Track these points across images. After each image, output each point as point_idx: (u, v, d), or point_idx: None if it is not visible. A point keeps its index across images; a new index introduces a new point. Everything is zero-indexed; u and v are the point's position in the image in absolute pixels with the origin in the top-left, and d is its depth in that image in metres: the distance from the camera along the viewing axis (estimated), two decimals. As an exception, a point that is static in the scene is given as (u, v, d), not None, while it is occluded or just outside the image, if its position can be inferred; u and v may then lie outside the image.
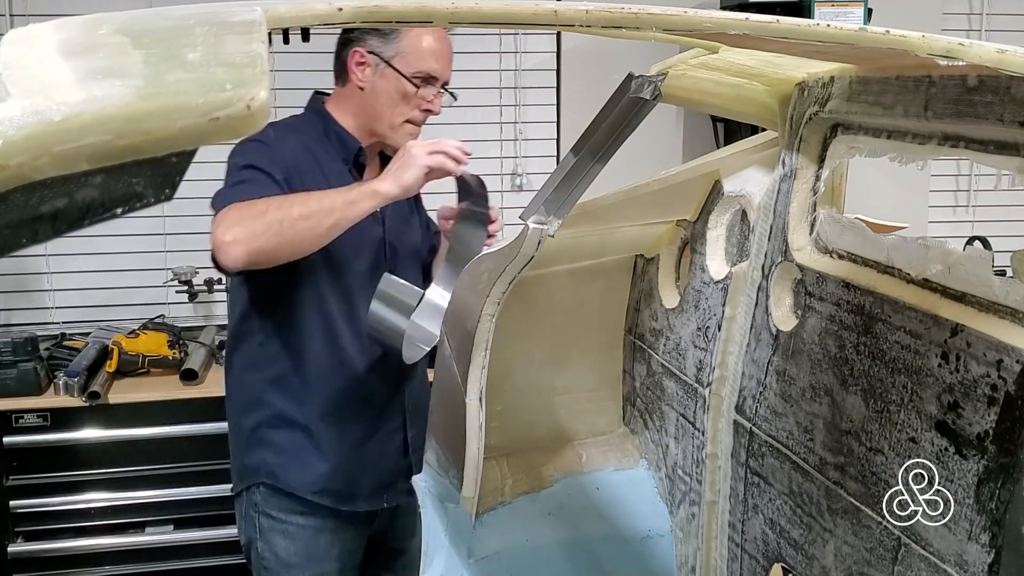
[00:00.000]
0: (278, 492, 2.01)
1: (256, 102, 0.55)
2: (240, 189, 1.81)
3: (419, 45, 1.95)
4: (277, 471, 2.00)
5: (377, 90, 1.98)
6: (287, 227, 1.71)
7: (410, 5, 0.85)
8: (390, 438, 2.08)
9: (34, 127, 0.51)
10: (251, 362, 2.00)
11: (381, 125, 1.99)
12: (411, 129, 1.99)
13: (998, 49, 0.92)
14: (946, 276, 1.08)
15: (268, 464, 2.01)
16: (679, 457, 1.76)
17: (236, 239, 1.70)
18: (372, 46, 1.97)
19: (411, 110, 1.98)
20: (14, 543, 2.84)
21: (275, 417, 2.00)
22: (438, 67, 1.98)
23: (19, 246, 0.54)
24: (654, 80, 1.47)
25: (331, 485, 2.01)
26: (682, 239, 1.78)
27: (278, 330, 1.96)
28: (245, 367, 2.02)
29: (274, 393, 1.99)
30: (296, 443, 1.99)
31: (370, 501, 2.08)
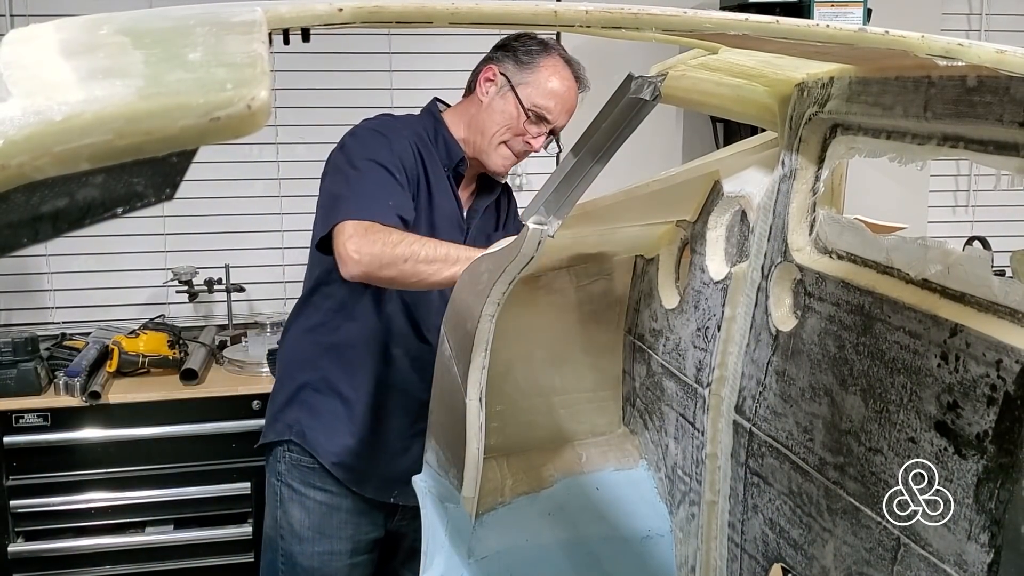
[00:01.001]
0: (302, 459, 2.10)
1: (257, 102, 0.55)
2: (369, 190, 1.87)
3: (546, 84, 2.06)
4: (307, 432, 2.09)
5: (493, 107, 2.08)
6: (409, 266, 1.79)
7: (410, 5, 0.85)
8: (417, 439, 2.08)
9: (35, 127, 0.51)
10: (315, 324, 2.09)
11: (483, 139, 2.07)
12: (506, 153, 2.08)
13: (997, 49, 0.92)
14: (946, 276, 1.08)
15: (301, 424, 2.10)
16: (679, 457, 1.76)
17: (361, 260, 1.79)
18: (506, 68, 2.09)
19: (514, 138, 2.07)
20: (14, 543, 2.84)
21: (321, 381, 2.09)
22: (555, 111, 2.07)
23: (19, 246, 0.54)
24: (654, 81, 1.47)
25: (348, 460, 2.08)
26: (682, 239, 1.78)
27: (345, 305, 2.05)
28: (308, 328, 2.11)
29: (327, 359, 2.09)
30: (332, 410, 2.09)
31: (380, 491, 2.13)
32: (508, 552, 1.83)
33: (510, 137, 2.08)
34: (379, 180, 1.90)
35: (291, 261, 3.43)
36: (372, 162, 1.92)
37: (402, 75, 3.39)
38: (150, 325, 3.12)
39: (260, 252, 3.41)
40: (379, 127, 2.00)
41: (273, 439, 2.15)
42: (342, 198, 1.86)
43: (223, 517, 2.97)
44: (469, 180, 2.17)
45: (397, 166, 1.93)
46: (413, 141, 2.02)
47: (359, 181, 1.89)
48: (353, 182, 1.89)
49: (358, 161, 1.93)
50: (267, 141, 3.37)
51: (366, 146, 1.95)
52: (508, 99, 2.07)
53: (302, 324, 2.13)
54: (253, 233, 3.40)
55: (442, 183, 2.06)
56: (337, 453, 2.09)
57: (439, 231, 2.00)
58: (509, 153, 2.09)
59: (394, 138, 1.98)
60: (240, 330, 3.28)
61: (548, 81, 2.07)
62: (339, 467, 2.10)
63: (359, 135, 1.99)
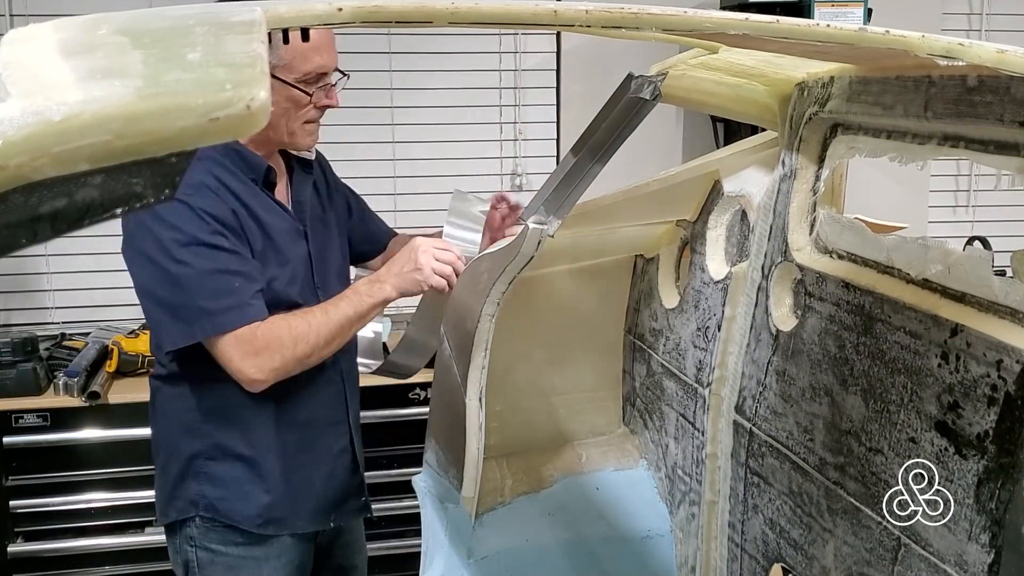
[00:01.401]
0: (216, 525, 1.88)
1: (256, 102, 0.55)
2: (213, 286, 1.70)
3: (298, 46, 1.73)
4: (217, 504, 1.86)
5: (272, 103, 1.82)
6: (314, 358, 1.74)
7: (410, 5, 0.85)
8: (338, 458, 1.96)
9: (34, 127, 0.51)
10: (185, 391, 1.85)
11: (278, 135, 1.81)
12: (311, 128, 1.84)
13: (998, 49, 0.92)
14: (946, 276, 1.08)
15: (207, 497, 1.86)
16: (679, 457, 1.76)
17: (267, 380, 1.72)
18: None
19: (307, 112, 1.81)
20: (14, 543, 2.84)
21: (213, 448, 1.86)
22: (325, 60, 1.79)
23: (19, 246, 0.54)
24: (654, 80, 1.48)
25: (276, 514, 1.88)
26: (682, 239, 1.78)
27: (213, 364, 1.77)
28: (178, 395, 1.86)
29: (211, 423, 1.85)
30: (236, 475, 1.86)
31: (315, 522, 1.96)
32: (508, 552, 1.83)
33: (304, 114, 1.81)
34: (213, 267, 1.70)
35: (291, 261, 3.43)
36: (199, 248, 1.70)
37: (402, 75, 3.39)
38: (150, 325, 3.11)
39: (260, 252, 3.40)
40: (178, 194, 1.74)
41: (177, 518, 1.89)
42: (189, 307, 1.70)
43: (223, 517, 2.97)
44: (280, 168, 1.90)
45: (214, 229, 1.71)
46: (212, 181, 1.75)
47: (196, 279, 1.69)
48: (189, 281, 1.69)
49: (184, 252, 1.70)
50: (267, 141, 3.36)
51: (183, 230, 1.70)
52: (278, 88, 1.74)
53: (170, 393, 1.88)
54: (253, 233, 3.40)
55: (261, 201, 1.81)
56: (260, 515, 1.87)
57: (283, 252, 1.80)
58: (312, 126, 1.84)
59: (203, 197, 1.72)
60: (240, 330, 3.28)
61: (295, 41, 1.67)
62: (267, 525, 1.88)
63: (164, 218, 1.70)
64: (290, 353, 1.71)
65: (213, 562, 1.88)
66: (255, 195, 1.80)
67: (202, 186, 1.72)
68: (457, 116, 3.37)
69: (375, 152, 3.33)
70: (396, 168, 3.36)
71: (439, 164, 3.35)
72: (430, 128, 3.35)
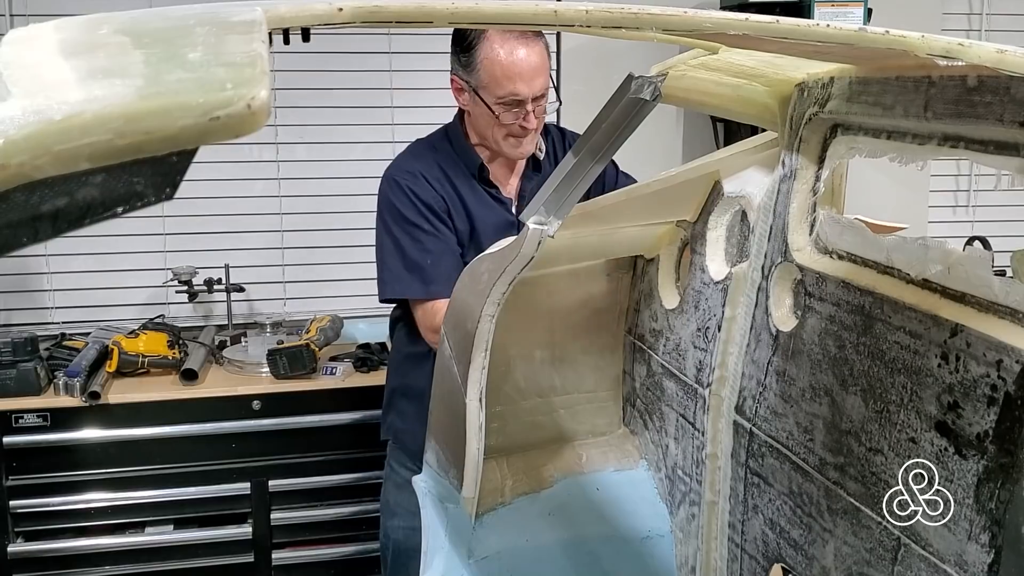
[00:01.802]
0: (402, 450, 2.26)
1: (256, 102, 0.55)
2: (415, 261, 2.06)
3: (495, 73, 2.03)
4: (401, 435, 2.27)
5: (475, 113, 2.12)
6: None
7: (410, 5, 0.85)
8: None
9: (35, 126, 0.51)
10: (403, 335, 2.23)
11: (488, 142, 2.12)
12: (514, 141, 2.10)
13: (998, 49, 0.92)
14: (946, 276, 1.08)
15: (395, 427, 2.30)
16: (679, 457, 1.76)
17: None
18: (460, 74, 2.10)
19: (508, 127, 2.08)
20: (14, 543, 2.84)
21: (406, 385, 2.24)
22: (520, 87, 2.03)
23: (19, 245, 0.54)
24: (654, 81, 1.47)
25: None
26: (682, 239, 1.78)
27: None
28: (399, 338, 2.27)
29: (409, 365, 2.23)
30: (414, 412, 2.17)
31: None
32: (508, 552, 1.83)
33: (503, 129, 2.09)
34: (411, 242, 2.07)
35: (291, 261, 3.43)
36: (406, 226, 2.07)
37: (402, 75, 3.39)
38: (150, 325, 3.12)
39: (260, 252, 3.40)
40: (400, 176, 2.10)
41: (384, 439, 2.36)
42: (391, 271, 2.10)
43: (223, 517, 2.97)
44: (505, 172, 2.22)
45: (420, 211, 2.06)
46: (436, 172, 2.11)
47: (401, 254, 2.08)
48: (397, 253, 2.08)
49: (395, 227, 2.09)
50: (267, 141, 3.37)
51: (396, 207, 2.08)
52: (478, 103, 2.08)
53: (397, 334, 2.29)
54: (253, 233, 3.40)
55: (476, 194, 2.14)
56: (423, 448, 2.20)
57: (483, 240, 2.06)
58: (516, 139, 2.11)
59: (416, 184, 2.08)
60: (240, 330, 3.28)
61: (495, 68, 2.03)
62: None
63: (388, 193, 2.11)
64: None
65: (389, 478, 2.31)
66: (471, 187, 2.14)
67: (419, 174, 2.09)
68: (457, 116, 3.37)
69: (375, 152, 3.33)
70: (396, 168, 3.36)
71: (439, 164, 3.35)
72: (430, 128, 3.33)
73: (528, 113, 2.07)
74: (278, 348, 2.94)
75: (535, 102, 2.07)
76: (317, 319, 3.12)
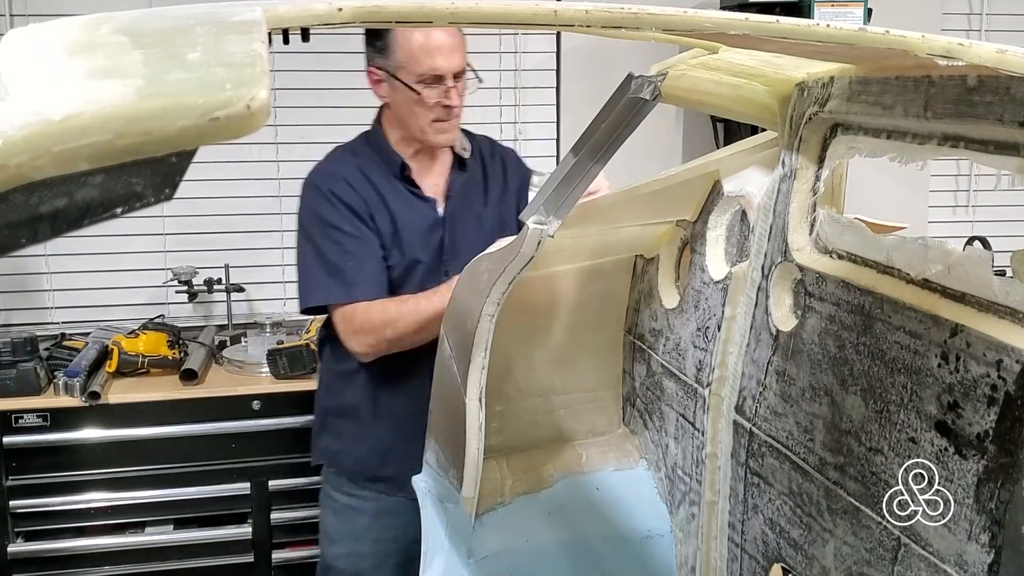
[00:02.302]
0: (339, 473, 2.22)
1: (256, 102, 0.55)
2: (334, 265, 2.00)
3: (413, 49, 1.99)
4: (337, 457, 2.22)
5: (398, 103, 2.07)
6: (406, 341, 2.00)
7: (410, 5, 0.85)
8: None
9: (34, 127, 0.51)
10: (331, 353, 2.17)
11: (413, 131, 2.07)
12: (440, 126, 2.06)
13: (998, 49, 0.92)
14: (946, 276, 1.08)
15: (330, 450, 2.23)
16: (679, 457, 1.76)
17: (366, 352, 2.03)
18: (377, 62, 2.06)
19: (432, 111, 2.03)
20: (14, 543, 2.84)
21: (339, 405, 2.19)
22: (440, 61, 1.99)
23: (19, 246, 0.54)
24: (654, 80, 1.47)
25: (384, 473, 2.15)
26: (682, 239, 1.78)
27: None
28: (328, 357, 2.20)
29: (341, 383, 2.17)
30: (352, 432, 2.17)
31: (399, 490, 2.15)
32: (508, 552, 1.83)
33: (430, 113, 2.04)
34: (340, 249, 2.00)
35: (291, 261, 3.41)
36: (327, 229, 2.01)
37: (402, 75, 3.39)
38: (150, 325, 3.11)
39: (260, 252, 3.40)
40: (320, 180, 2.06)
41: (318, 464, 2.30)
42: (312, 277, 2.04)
43: (223, 517, 2.97)
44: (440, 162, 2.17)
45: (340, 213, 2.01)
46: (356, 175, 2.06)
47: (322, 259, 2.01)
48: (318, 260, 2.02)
49: (315, 232, 2.03)
50: (267, 141, 3.36)
51: (316, 211, 2.03)
52: (399, 88, 2.03)
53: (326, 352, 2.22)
54: (253, 233, 3.40)
55: (399, 194, 2.09)
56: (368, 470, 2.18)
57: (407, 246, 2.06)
58: (440, 125, 2.07)
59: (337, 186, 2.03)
60: (240, 330, 3.28)
61: (411, 45, 2.00)
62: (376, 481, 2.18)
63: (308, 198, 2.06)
64: (381, 335, 1.98)
65: (326, 505, 2.25)
66: (393, 187, 2.08)
67: (339, 177, 2.04)
68: (457, 116, 3.36)
69: (375, 152, 3.32)
70: (396, 168, 3.35)
71: (439, 164, 3.34)
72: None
73: (450, 89, 2.02)
74: (278, 348, 2.94)
75: (455, 79, 2.03)
76: (317, 319, 3.11)
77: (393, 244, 2.05)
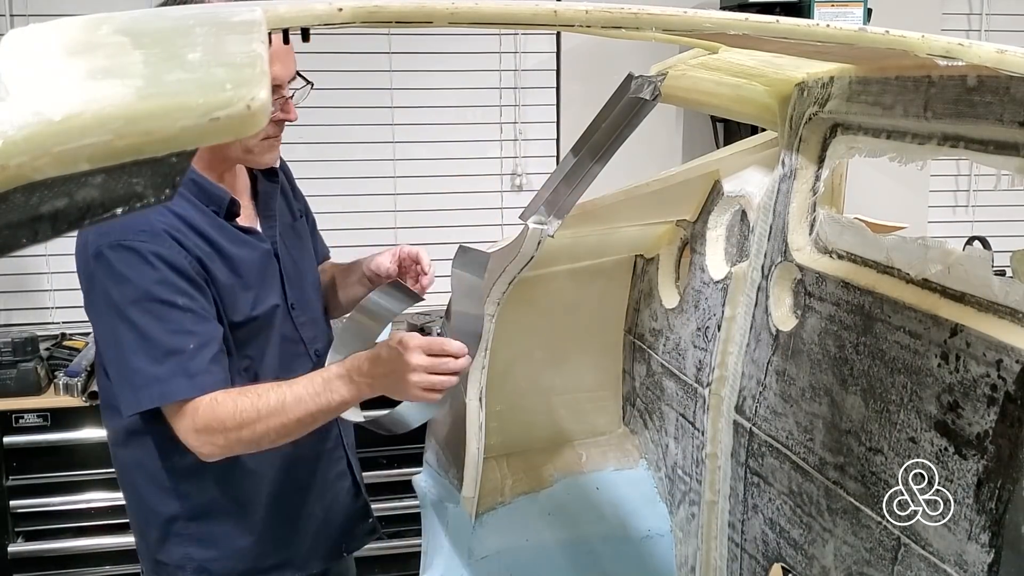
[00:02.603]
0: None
1: (256, 102, 0.55)
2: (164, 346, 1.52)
3: None
4: (208, 565, 1.70)
5: None
6: (266, 443, 1.55)
7: (410, 5, 0.85)
8: (335, 486, 1.80)
9: (34, 127, 0.51)
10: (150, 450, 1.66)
11: (234, 153, 1.62)
12: (270, 143, 1.64)
13: (998, 49, 0.92)
14: (946, 276, 1.08)
15: (194, 559, 1.70)
16: (679, 457, 1.75)
17: (212, 454, 1.55)
18: None
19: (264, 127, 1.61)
20: (14, 543, 2.84)
21: (194, 508, 1.69)
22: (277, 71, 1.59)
23: (19, 246, 0.54)
24: (654, 80, 1.47)
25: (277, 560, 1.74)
26: (682, 239, 1.78)
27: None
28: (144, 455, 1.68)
29: (190, 482, 1.66)
30: (225, 532, 1.70)
31: (328, 558, 1.81)
32: (508, 552, 1.83)
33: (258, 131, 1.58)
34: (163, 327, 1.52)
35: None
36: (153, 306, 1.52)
37: (402, 75, 3.38)
38: (150, 325, 3.11)
39: (260, 252, 3.40)
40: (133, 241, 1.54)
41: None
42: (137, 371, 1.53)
43: (223, 517, 2.97)
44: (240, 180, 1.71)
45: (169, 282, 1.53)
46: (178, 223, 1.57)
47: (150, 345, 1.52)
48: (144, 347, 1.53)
49: (135, 311, 1.53)
50: (267, 141, 3.36)
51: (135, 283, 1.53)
52: None
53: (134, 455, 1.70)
54: (253, 233, 3.40)
55: (227, 233, 1.62)
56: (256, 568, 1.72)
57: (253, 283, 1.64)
58: (271, 142, 1.64)
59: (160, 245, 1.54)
60: (240, 330, 3.28)
61: None
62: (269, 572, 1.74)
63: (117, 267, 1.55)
64: (234, 436, 1.52)
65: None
66: (220, 228, 1.62)
67: (158, 230, 1.53)
68: (457, 116, 3.37)
69: (375, 152, 3.33)
70: (396, 168, 3.36)
71: (439, 164, 3.35)
72: (430, 128, 3.34)
73: (287, 101, 1.63)
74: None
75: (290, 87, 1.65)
76: (317, 319, 3.10)
77: (238, 294, 1.61)
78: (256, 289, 1.64)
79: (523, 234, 1.50)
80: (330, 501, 1.79)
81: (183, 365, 1.52)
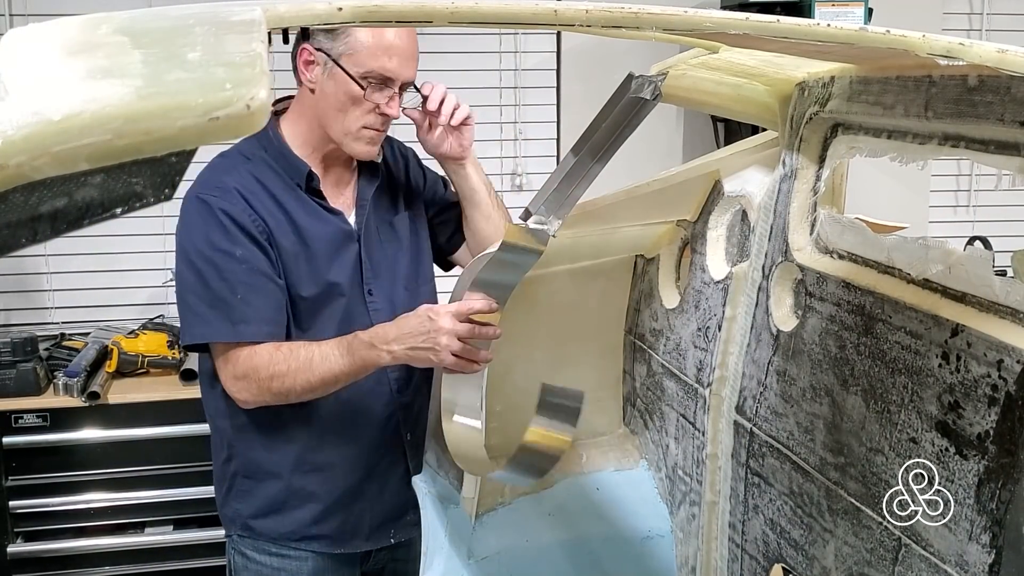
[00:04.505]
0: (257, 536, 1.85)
1: (256, 102, 0.55)
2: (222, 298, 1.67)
3: (370, 41, 1.67)
4: (253, 524, 1.84)
5: (326, 92, 1.71)
6: (293, 396, 1.68)
7: (410, 5, 0.85)
8: (390, 470, 1.87)
9: (34, 127, 0.51)
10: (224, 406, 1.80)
11: (334, 132, 1.73)
12: (368, 135, 1.73)
13: (998, 49, 0.92)
14: (946, 276, 1.08)
15: (242, 516, 1.84)
16: (679, 457, 1.75)
17: (247, 401, 1.70)
18: (320, 42, 1.70)
19: (366, 115, 1.70)
20: (14, 543, 2.84)
21: (249, 466, 1.82)
22: (394, 66, 1.69)
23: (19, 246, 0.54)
24: (654, 80, 1.47)
25: (321, 531, 1.83)
26: (682, 239, 1.78)
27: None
28: (218, 412, 1.82)
29: (246, 440, 1.80)
30: (272, 494, 1.81)
31: (373, 539, 1.88)
32: (508, 552, 1.83)
33: (362, 117, 1.70)
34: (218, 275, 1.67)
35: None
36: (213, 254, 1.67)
37: (402, 75, 3.39)
38: (149, 325, 3.11)
39: (260, 252, 3.40)
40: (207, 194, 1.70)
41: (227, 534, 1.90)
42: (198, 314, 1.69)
43: (223, 517, 2.97)
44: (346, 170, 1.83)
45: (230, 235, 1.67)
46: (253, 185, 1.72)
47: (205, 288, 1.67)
48: (200, 288, 1.68)
49: (198, 258, 1.68)
50: (267, 141, 3.36)
51: (203, 232, 1.69)
52: (337, 77, 1.68)
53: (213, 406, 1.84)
54: (253, 233, 3.40)
55: (305, 205, 1.75)
56: (298, 531, 1.83)
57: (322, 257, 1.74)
58: (370, 134, 1.73)
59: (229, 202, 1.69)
60: (240, 330, 3.27)
61: (370, 36, 1.67)
62: (311, 541, 1.84)
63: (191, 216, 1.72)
64: (266, 386, 1.66)
65: (247, 568, 1.86)
66: (298, 198, 1.74)
67: (232, 189, 1.69)
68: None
69: (375, 152, 3.32)
70: (396, 168, 3.36)
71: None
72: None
73: (394, 97, 1.71)
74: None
75: (401, 90, 1.73)
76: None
77: (302, 265, 1.72)
78: (323, 262, 1.74)
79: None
80: (379, 486, 1.86)
81: (228, 311, 1.67)
